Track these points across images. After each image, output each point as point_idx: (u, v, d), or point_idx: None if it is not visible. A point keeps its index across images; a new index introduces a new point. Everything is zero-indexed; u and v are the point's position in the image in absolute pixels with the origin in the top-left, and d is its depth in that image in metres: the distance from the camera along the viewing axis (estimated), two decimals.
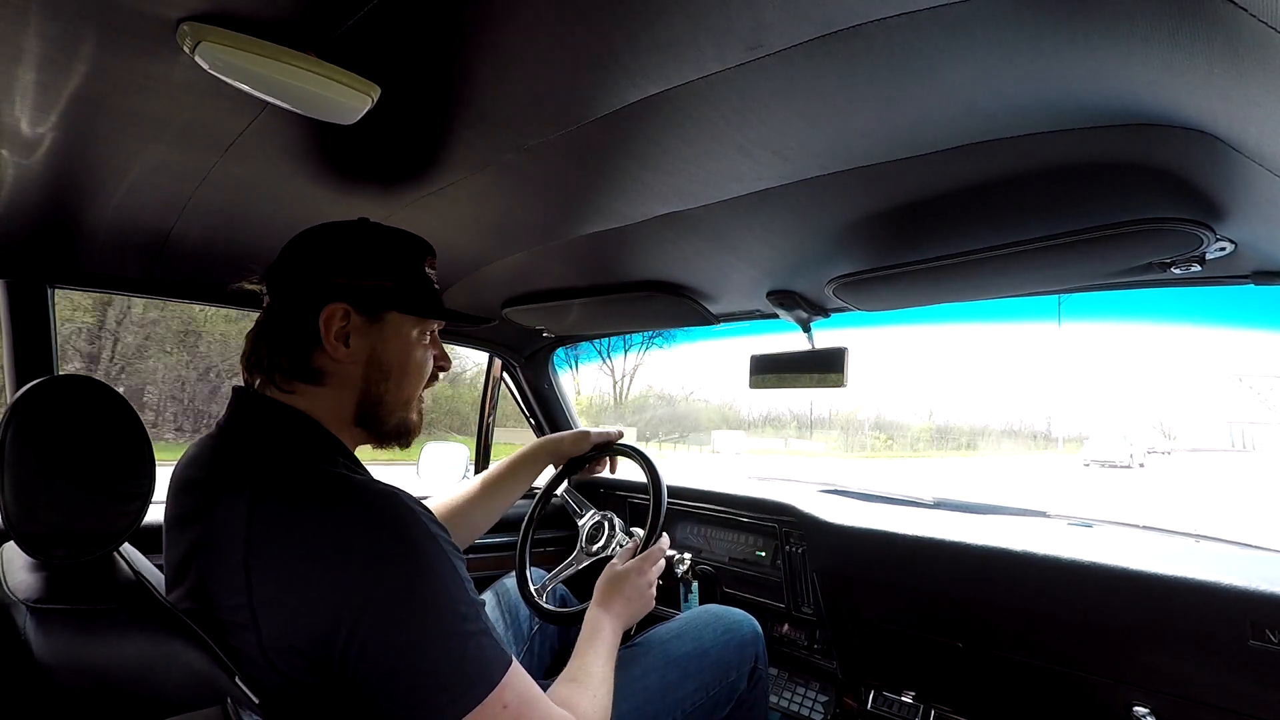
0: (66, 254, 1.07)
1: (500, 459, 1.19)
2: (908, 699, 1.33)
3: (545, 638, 1.22)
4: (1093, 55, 0.52)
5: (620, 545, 1.13)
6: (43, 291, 1.10)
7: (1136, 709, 1.01)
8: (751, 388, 1.43)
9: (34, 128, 0.69)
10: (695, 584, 1.50)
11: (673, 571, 1.47)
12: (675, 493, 1.72)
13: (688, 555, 1.49)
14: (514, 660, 0.62)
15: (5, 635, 0.54)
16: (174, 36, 0.53)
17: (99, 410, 0.61)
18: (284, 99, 0.60)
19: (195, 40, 0.52)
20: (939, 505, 1.55)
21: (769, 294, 1.25)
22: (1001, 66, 0.55)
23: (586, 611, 0.91)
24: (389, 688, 0.57)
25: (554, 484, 1.26)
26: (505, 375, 1.94)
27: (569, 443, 1.17)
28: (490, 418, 1.95)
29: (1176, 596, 0.96)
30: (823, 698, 1.47)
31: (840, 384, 1.28)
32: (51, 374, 0.81)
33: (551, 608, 1.11)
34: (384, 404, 0.73)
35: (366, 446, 0.76)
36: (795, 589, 1.49)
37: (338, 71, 0.58)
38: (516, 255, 1.17)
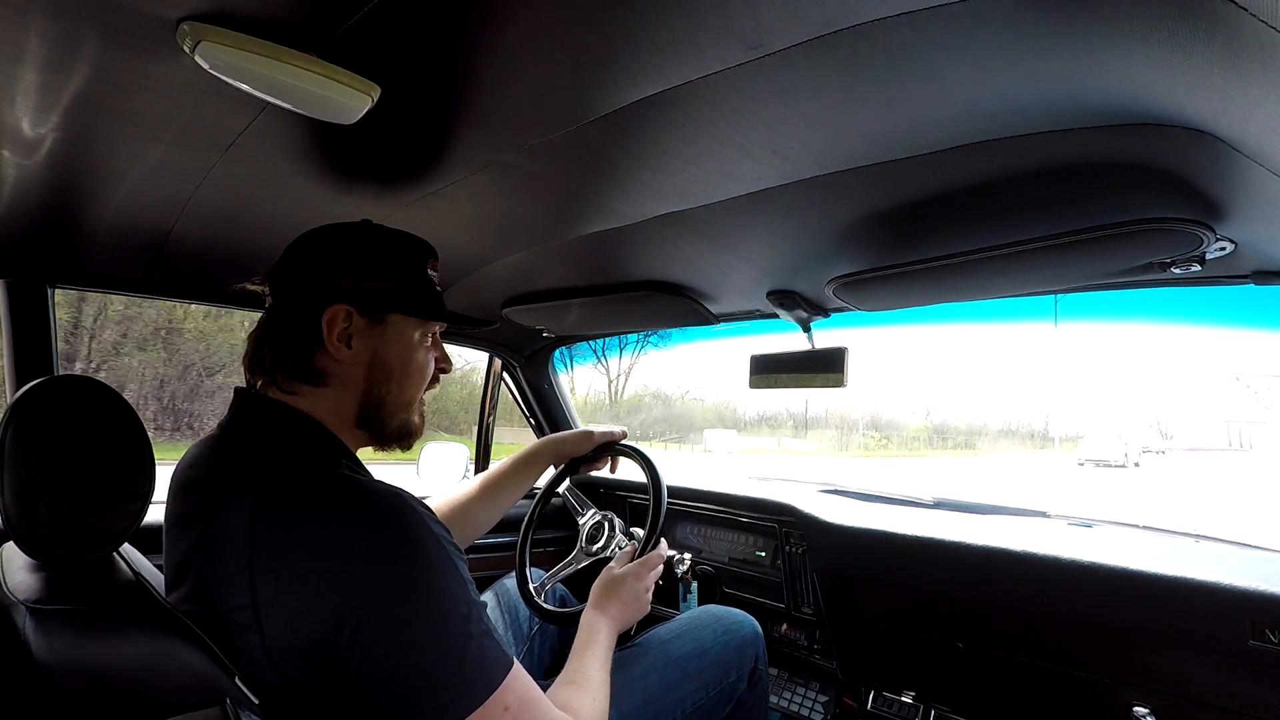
0: (67, 254, 1.07)
1: (501, 459, 1.19)
2: (908, 699, 1.33)
3: (545, 638, 1.22)
4: (1092, 55, 0.52)
5: (620, 547, 1.13)
6: (43, 291, 1.10)
7: (1136, 709, 1.01)
8: (752, 388, 1.43)
9: (35, 128, 0.69)
10: (695, 584, 1.50)
11: (672, 571, 1.46)
12: (675, 493, 1.72)
13: (687, 555, 1.49)
14: (515, 662, 0.62)
15: (5, 636, 0.54)
16: (174, 36, 0.53)
17: (99, 410, 0.61)
18: (284, 99, 0.60)
19: (195, 40, 0.53)
20: (939, 505, 1.55)
21: (769, 294, 1.26)
22: (1001, 66, 0.55)
23: (582, 614, 0.91)
24: (390, 688, 0.57)
25: (555, 483, 1.26)
26: (505, 375, 1.94)
27: (572, 442, 1.17)
28: (490, 417, 1.95)
29: (1176, 596, 0.96)
30: (823, 698, 1.46)
31: (840, 384, 1.28)
32: (51, 374, 0.81)
33: (551, 607, 1.11)
34: (386, 405, 0.73)
35: (367, 449, 0.76)
36: (795, 589, 1.49)
37: (338, 71, 0.58)
38: (517, 255, 1.17)
